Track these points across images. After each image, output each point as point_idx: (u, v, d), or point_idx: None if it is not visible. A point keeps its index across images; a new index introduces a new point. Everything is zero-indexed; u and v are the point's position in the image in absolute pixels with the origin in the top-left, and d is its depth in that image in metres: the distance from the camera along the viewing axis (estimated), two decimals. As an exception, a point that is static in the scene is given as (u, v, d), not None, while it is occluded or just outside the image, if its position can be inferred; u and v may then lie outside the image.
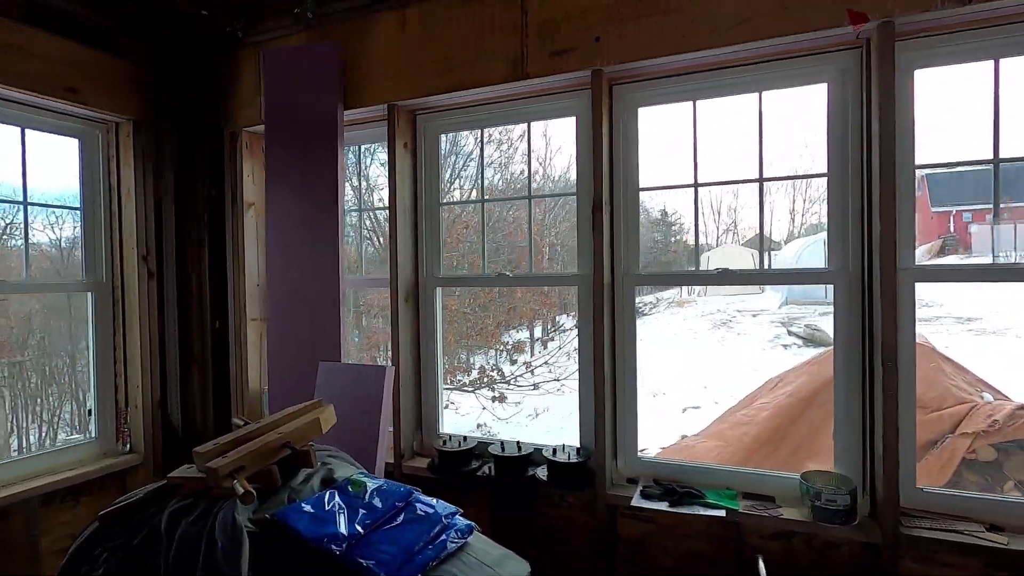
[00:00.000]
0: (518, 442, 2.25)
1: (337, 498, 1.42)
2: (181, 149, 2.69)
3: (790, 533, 1.83)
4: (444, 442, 2.30)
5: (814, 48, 1.83)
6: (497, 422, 8.17)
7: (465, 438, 2.32)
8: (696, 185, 2.08)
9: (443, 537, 1.36)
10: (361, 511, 1.36)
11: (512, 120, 2.33)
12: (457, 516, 1.44)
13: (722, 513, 1.83)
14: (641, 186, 2.12)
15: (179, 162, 2.70)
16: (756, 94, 1.96)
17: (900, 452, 1.68)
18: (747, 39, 1.77)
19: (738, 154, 2.23)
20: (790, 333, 11.76)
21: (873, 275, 1.74)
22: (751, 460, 3.34)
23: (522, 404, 9.31)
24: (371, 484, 1.50)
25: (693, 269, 2.12)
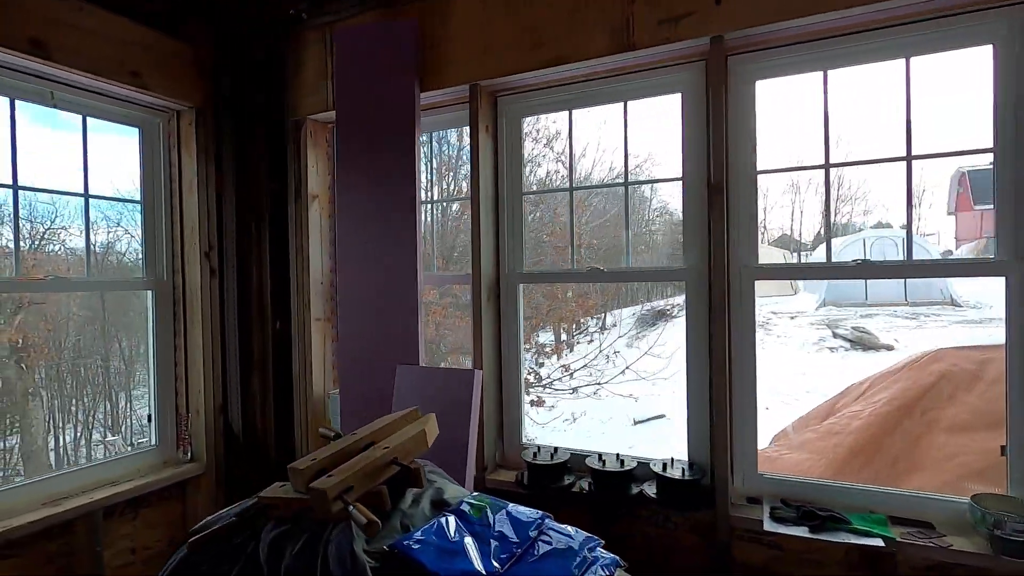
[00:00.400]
0: (619, 455, 2.02)
1: (458, 524, 1.21)
2: (242, 139, 2.54)
3: (955, 567, 1.57)
4: (534, 454, 2.09)
5: (979, 2, 1.58)
6: (534, 427, 7.95)
7: (556, 449, 2.11)
8: (828, 166, 1.84)
9: (588, 575, 1.15)
10: (493, 542, 1.16)
11: (605, 99, 2.11)
12: (599, 548, 1.23)
13: (878, 542, 1.58)
14: (759, 168, 1.88)
15: (239, 153, 2.55)
16: (903, 60, 1.71)
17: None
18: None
19: (854, 132, 1.97)
20: (835, 335, 11.30)
21: (1063, 265, 1.48)
22: (844, 473, 3.06)
23: (557, 408, 9.08)
24: (491, 507, 1.30)
25: (828, 262, 1.87)
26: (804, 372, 8.95)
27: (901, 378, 3.25)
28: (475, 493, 1.39)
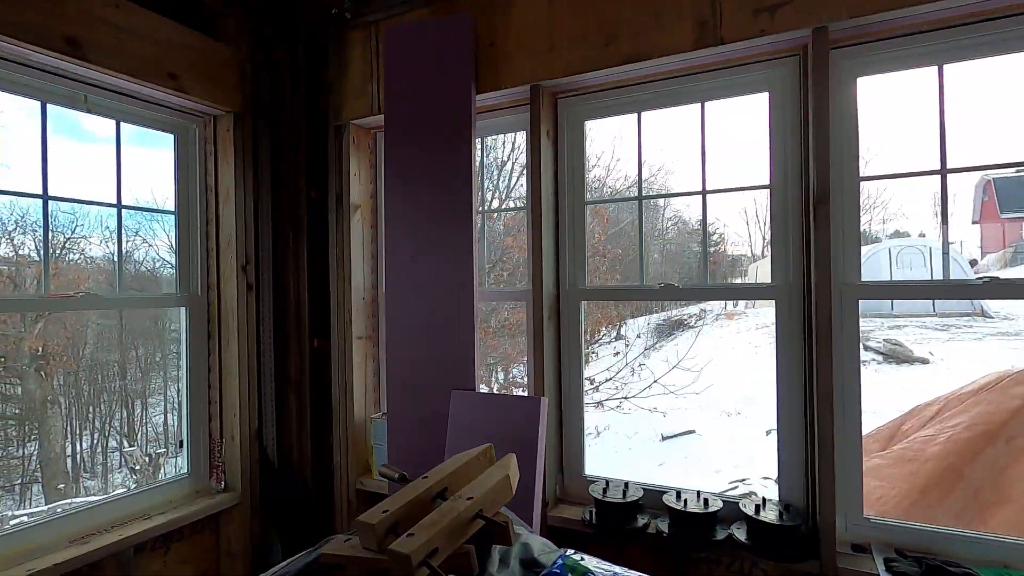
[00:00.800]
0: (700, 492, 1.82)
1: (561, 593, 1.02)
2: (280, 145, 2.39)
3: (1116, 634, 1.35)
4: (604, 490, 1.89)
5: None
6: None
7: (627, 484, 1.91)
8: (944, 172, 1.63)
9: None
10: (609, 620, 0.97)
11: (681, 100, 1.93)
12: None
13: (1028, 607, 1.36)
14: (862, 175, 1.69)
15: (277, 160, 2.40)
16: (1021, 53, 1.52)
17: None
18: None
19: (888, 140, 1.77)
20: (866, 348, 10.97)
21: None
22: (921, 506, 2.82)
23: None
24: (593, 568, 1.11)
25: (933, 280, 1.66)
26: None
27: (981, 400, 3.00)
28: (569, 552, 1.20)
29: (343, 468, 2.38)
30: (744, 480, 5.55)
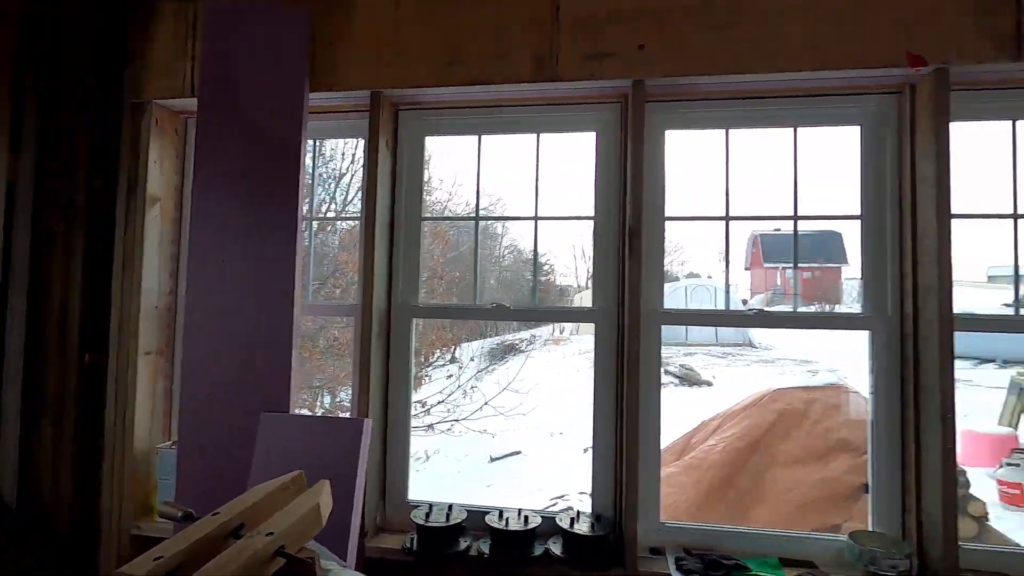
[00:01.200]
0: (521, 511, 1.85)
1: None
2: (56, 117, 1.97)
3: (839, 604, 1.66)
4: (427, 514, 1.82)
5: (854, 88, 1.79)
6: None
7: (451, 507, 1.87)
8: (728, 219, 1.93)
9: None
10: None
11: (519, 129, 2.02)
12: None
13: (780, 588, 1.61)
14: (667, 215, 1.92)
15: (49, 134, 1.97)
16: (791, 129, 1.88)
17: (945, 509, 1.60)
18: (813, 67, 1.66)
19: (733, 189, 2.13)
20: (667, 372, 12.52)
21: (920, 322, 1.69)
22: (704, 508, 3.24)
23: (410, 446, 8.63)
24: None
25: (727, 309, 1.94)
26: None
27: (748, 415, 3.58)
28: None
29: (115, 510, 1.97)
30: (563, 496, 5.88)
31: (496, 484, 7.14)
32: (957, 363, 1.57)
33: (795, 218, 1.92)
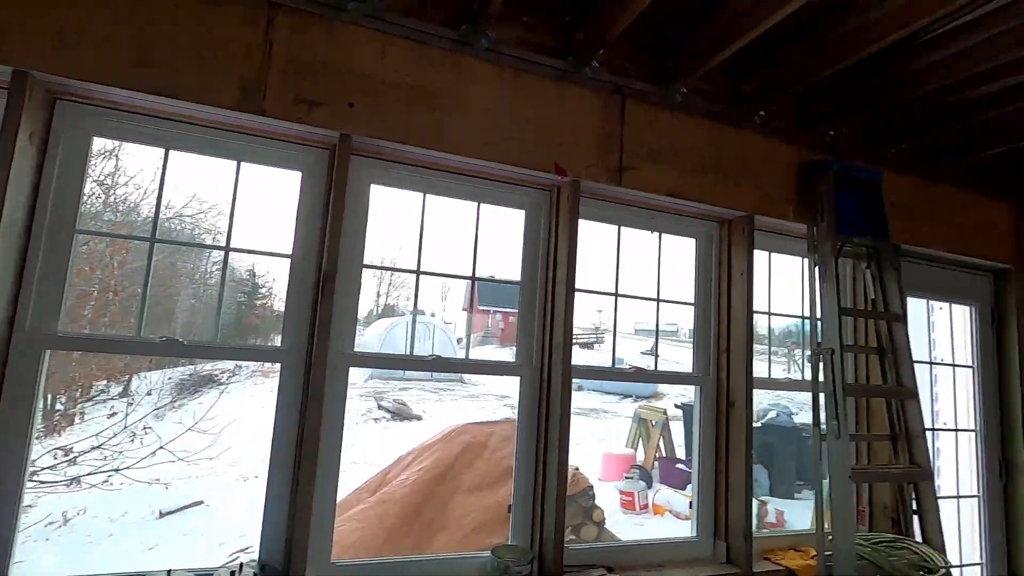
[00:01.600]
0: (171, 571, 1.65)
1: None
2: None
3: (479, 612, 1.93)
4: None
5: (523, 180, 2.24)
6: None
7: (70, 581, 1.55)
8: (418, 272, 2.15)
9: None
10: None
11: (216, 153, 1.89)
12: None
13: (430, 608, 1.79)
14: (365, 262, 2.04)
15: None
16: (476, 203, 2.23)
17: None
18: (495, 159, 2.02)
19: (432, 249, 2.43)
20: (380, 407, 12.63)
21: (553, 369, 2.15)
22: (395, 538, 3.36)
23: (36, 509, 6.77)
24: None
25: (410, 354, 2.12)
26: (353, 443, 9.50)
27: (438, 448, 3.89)
28: None
29: None
30: (246, 549, 5.31)
31: (164, 544, 6.04)
32: (606, 397, 2.09)
33: (473, 279, 2.27)
